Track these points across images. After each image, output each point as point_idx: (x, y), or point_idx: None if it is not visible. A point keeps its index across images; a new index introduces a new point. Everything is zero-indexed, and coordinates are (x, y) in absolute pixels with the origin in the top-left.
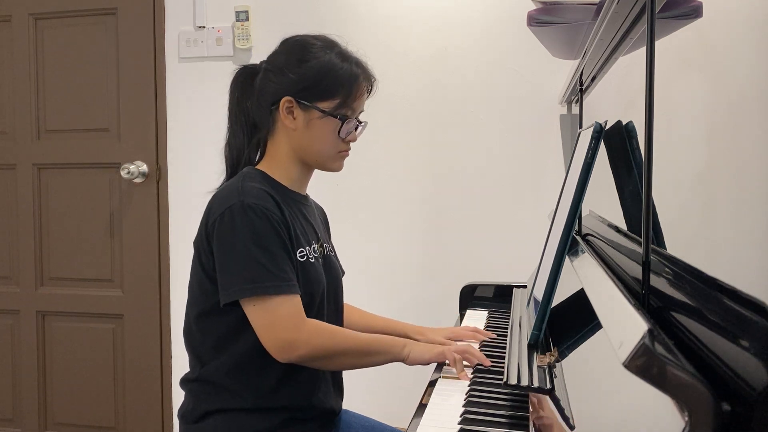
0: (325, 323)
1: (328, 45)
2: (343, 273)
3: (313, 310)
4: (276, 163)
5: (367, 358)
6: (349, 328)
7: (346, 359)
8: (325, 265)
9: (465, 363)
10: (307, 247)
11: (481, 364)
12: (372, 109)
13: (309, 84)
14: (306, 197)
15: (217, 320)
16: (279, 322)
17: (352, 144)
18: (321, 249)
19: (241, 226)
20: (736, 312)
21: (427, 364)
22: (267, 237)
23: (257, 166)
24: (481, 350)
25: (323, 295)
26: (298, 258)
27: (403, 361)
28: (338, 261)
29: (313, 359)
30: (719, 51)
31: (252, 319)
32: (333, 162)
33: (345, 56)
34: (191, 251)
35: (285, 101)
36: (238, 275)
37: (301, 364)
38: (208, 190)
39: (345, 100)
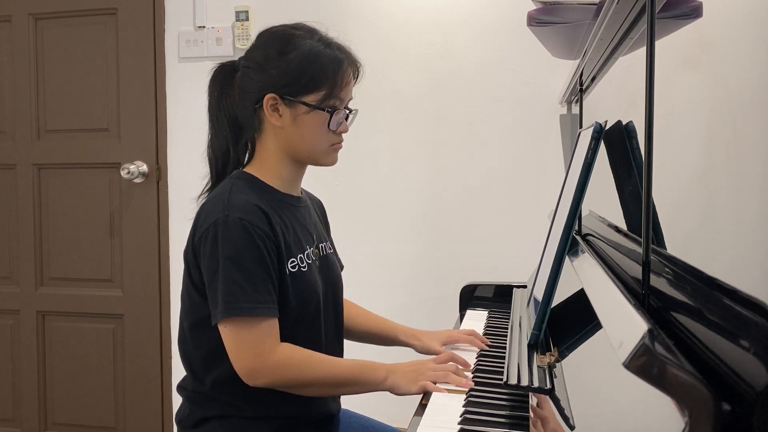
0: (297, 352)
1: (308, 33)
2: (342, 267)
3: (307, 319)
4: (266, 165)
5: (342, 389)
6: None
7: (317, 390)
8: (322, 267)
9: (448, 384)
10: (300, 255)
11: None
12: (372, 109)
13: (291, 78)
14: (299, 198)
15: (208, 333)
16: (245, 347)
17: (350, 139)
18: (317, 251)
19: (223, 243)
20: (736, 312)
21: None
22: (248, 255)
23: (246, 169)
24: (480, 352)
25: (319, 302)
26: (290, 269)
27: (389, 390)
28: (337, 257)
29: (279, 388)
30: (719, 51)
31: (223, 340)
32: (326, 156)
33: (327, 42)
34: None
35: (268, 99)
36: (219, 296)
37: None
38: (198, 194)
39: (331, 91)
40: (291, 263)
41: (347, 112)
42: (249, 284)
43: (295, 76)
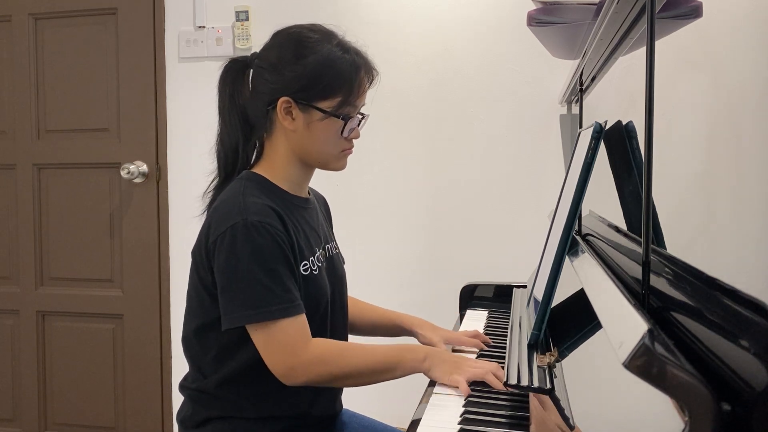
0: (332, 344)
1: (326, 36)
2: (343, 261)
3: (317, 319)
4: (275, 166)
5: (382, 375)
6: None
7: (356, 380)
8: (329, 268)
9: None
10: (311, 258)
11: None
12: (373, 109)
13: (308, 83)
14: (307, 200)
15: (217, 334)
16: (279, 347)
17: (354, 140)
18: (325, 253)
19: (243, 246)
20: (736, 312)
21: None
22: (272, 256)
23: (254, 169)
24: (480, 352)
25: (328, 303)
26: (302, 272)
27: (425, 372)
28: (340, 256)
29: (318, 384)
30: (719, 51)
31: (255, 343)
32: (336, 162)
33: (345, 47)
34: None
35: (282, 102)
36: (241, 300)
37: (309, 385)
38: (203, 191)
39: (347, 98)
40: (303, 266)
41: (360, 117)
42: (278, 286)
43: (311, 81)
